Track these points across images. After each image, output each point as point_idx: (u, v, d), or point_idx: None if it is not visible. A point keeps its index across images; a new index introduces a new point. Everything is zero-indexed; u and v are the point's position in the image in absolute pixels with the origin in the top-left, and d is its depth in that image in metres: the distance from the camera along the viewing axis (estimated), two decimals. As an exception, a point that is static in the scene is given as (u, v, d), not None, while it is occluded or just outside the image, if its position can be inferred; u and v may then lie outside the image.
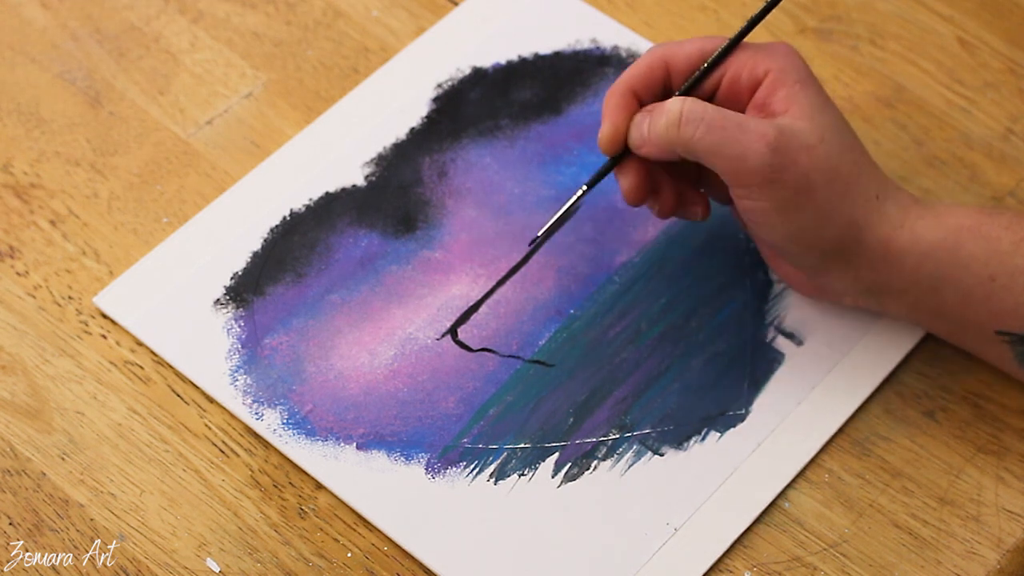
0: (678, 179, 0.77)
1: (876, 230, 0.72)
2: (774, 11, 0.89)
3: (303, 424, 0.75)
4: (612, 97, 0.74)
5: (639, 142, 0.73)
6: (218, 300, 0.78)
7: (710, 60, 0.73)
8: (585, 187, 0.76)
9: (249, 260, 0.80)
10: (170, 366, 0.77)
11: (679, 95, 0.73)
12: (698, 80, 0.73)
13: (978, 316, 0.72)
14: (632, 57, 0.87)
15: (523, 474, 0.74)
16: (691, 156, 0.72)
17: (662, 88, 0.74)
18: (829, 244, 0.72)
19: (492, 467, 0.74)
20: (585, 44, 0.88)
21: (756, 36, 0.87)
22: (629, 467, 0.74)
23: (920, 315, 0.74)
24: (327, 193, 0.82)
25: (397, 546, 0.72)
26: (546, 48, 0.88)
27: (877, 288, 0.74)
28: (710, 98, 0.74)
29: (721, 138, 0.70)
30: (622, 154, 0.75)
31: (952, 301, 0.72)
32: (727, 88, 0.73)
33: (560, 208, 0.76)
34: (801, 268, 0.75)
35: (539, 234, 0.76)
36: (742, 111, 0.73)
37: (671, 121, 0.71)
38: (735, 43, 0.73)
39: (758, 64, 0.72)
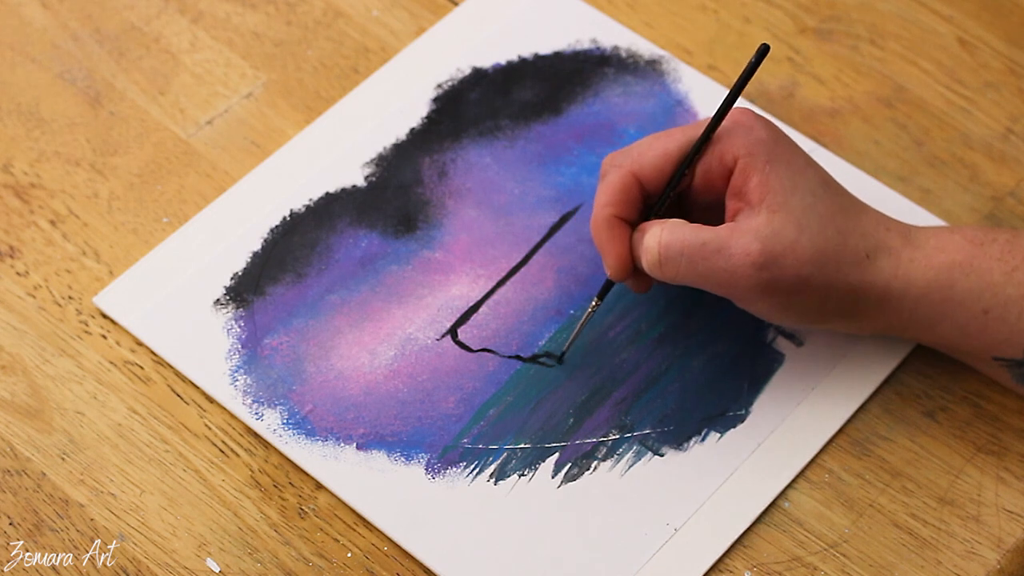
0: None
1: (873, 288, 0.72)
2: (774, 11, 0.89)
3: (303, 424, 0.75)
4: (600, 230, 0.74)
5: (646, 267, 0.74)
6: (218, 300, 0.78)
7: (675, 175, 0.73)
8: (596, 300, 0.76)
9: (249, 260, 0.80)
10: (170, 366, 0.77)
11: (655, 215, 0.74)
12: (667, 195, 0.74)
13: (974, 346, 0.73)
14: (632, 57, 0.87)
15: (523, 474, 0.74)
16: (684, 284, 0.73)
17: (640, 199, 0.74)
18: (832, 314, 0.73)
19: (492, 467, 0.74)
20: (585, 44, 0.88)
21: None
22: (629, 467, 0.74)
23: (921, 341, 0.76)
24: (327, 193, 0.82)
25: (397, 546, 0.72)
26: (546, 48, 0.87)
27: (880, 329, 0.75)
28: (688, 192, 0.74)
29: (705, 269, 0.71)
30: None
31: (948, 334, 0.73)
32: (701, 180, 0.74)
33: (579, 323, 0.76)
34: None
35: (564, 349, 0.77)
36: (721, 198, 0.74)
37: (652, 261, 0.72)
38: (698, 150, 0.73)
39: (725, 152, 0.72)
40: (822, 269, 0.71)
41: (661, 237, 0.72)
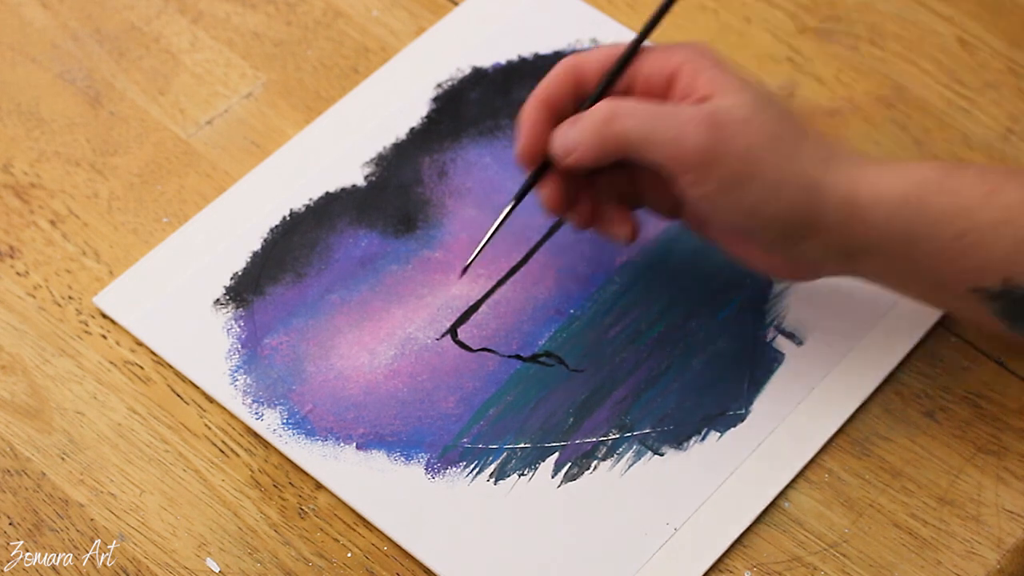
0: (606, 196, 0.76)
1: (834, 190, 0.69)
2: (774, 11, 0.89)
3: (303, 424, 0.75)
4: (527, 111, 0.73)
5: (565, 151, 0.72)
6: (218, 300, 0.78)
7: (620, 58, 0.73)
8: (514, 202, 0.75)
9: (249, 260, 0.80)
10: (170, 366, 0.77)
11: (590, 101, 0.73)
12: (610, 80, 0.73)
13: (951, 273, 0.70)
14: (632, 57, 0.87)
15: (523, 474, 0.74)
16: (626, 152, 0.70)
17: (574, 99, 0.73)
18: (787, 213, 0.70)
19: (492, 467, 0.74)
20: (585, 44, 0.88)
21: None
22: (629, 467, 0.74)
23: (894, 277, 0.72)
24: (327, 193, 0.82)
25: (397, 546, 0.72)
26: (546, 48, 0.88)
27: (849, 250, 0.71)
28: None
29: (654, 124, 0.69)
30: (545, 166, 0.74)
31: (924, 260, 0.70)
32: (642, 90, 0.72)
33: (491, 230, 0.76)
34: (770, 249, 0.72)
35: (471, 257, 0.76)
36: None
37: (601, 119, 0.70)
38: (644, 36, 0.72)
39: (670, 59, 0.71)
40: (777, 151, 0.69)
41: (612, 102, 0.71)
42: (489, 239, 0.75)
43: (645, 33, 0.73)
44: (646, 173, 0.74)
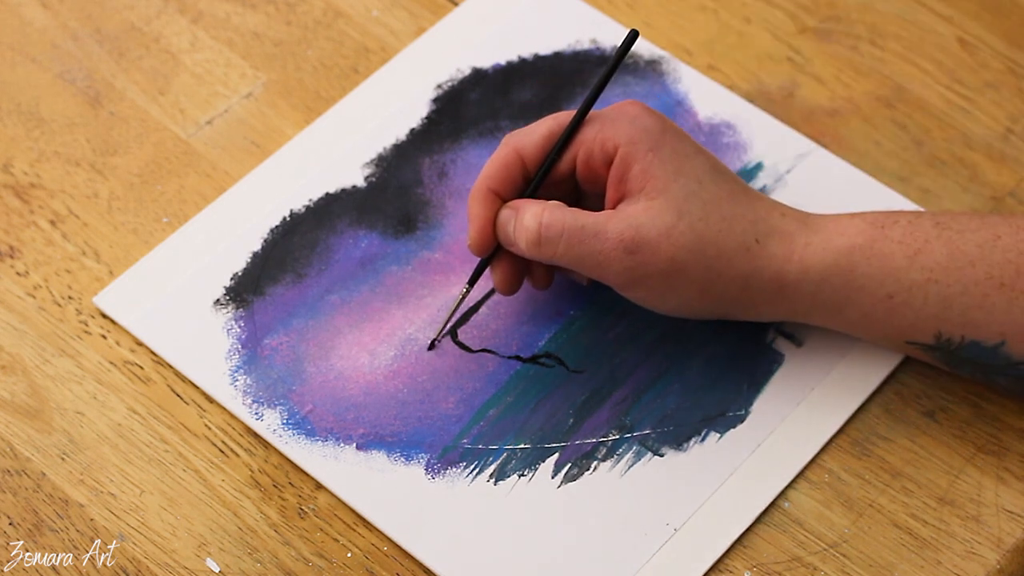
0: None
1: (763, 273, 0.72)
2: (774, 11, 0.89)
3: (303, 424, 0.75)
4: (473, 200, 0.74)
5: (508, 243, 0.74)
6: (218, 300, 0.78)
7: (550, 156, 0.74)
8: (467, 286, 0.76)
9: (249, 260, 0.80)
10: (170, 366, 0.77)
11: (532, 187, 0.74)
12: (544, 173, 0.74)
13: (884, 330, 0.73)
14: (632, 58, 0.87)
15: (523, 474, 0.74)
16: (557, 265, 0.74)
17: (521, 178, 0.74)
18: (719, 301, 0.73)
19: (492, 467, 0.74)
20: (585, 44, 0.88)
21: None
22: (629, 467, 0.74)
23: (837, 328, 0.75)
24: (327, 193, 0.82)
25: (397, 546, 0.72)
26: (546, 48, 0.88)
27: (783, 316, 0.74)
28: (571, 176, 0.74)
29: (581, 252, 0.71)
30: (497, 248, 0.75)
31: (855, 319, 0.73)
32: (583, 166, 0.74)
33: (450, 310, 0.77)
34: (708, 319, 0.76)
35: (437, 337, 0.77)
36: (603, 186, 0.73)
37: (531, 240, 0.72)
38: (571, 131, 0.73)
39: (607, 139, 0.72)
40: (700, 255, 0.71)
41: (542, 217, 0.72)
42: (449, 320, 0.77)
43: (579, 118, 0.73)
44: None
